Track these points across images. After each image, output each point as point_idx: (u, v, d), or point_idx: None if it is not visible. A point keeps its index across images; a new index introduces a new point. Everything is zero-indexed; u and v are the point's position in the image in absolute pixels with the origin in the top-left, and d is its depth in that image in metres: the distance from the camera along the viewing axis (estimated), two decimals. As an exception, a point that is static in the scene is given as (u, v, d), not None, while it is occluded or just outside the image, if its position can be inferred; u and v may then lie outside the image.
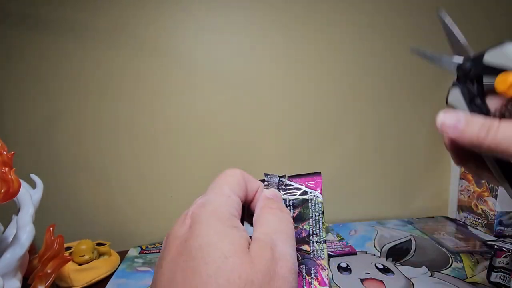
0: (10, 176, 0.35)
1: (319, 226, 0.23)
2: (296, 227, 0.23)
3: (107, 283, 0.50)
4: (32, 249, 0.44)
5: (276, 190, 0.23)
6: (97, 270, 0.51)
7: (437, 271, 0.50)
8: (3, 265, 0.35)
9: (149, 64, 0.65)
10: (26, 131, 0.63)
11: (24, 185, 0.41)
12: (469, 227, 0.69)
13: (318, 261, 0.21)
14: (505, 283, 0.45)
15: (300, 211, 0.23)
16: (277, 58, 0.69)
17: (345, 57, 0.71)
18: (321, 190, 0.24)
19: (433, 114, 0.85)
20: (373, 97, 0.73)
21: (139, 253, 0.60)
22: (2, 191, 0.34)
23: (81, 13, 0.61)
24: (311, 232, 0.23)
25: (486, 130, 0.21)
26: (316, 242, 0.22)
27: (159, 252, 0.61)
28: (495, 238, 0.61)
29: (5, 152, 0.36)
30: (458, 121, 0.23)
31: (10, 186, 0.34)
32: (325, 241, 0.22)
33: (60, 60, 0.62)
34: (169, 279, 0.16)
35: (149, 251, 0.61)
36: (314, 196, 0.24)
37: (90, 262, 0.51)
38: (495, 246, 0.54)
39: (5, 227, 0.42)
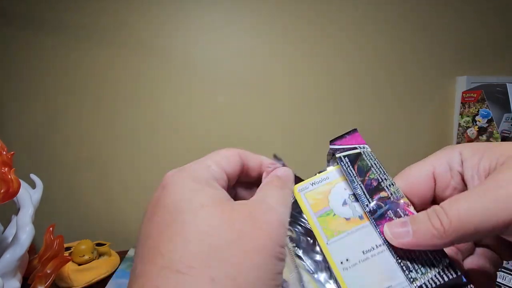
0: (10, 176, 0.35)
1: (384, 172, 0.23)
2: (363, 180, 0.23)
3: (107, 283, 0.50)
4: (32, 249, 0.44)
5: (289, 170, 0.23)
6: (97, 270, 0.51)
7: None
8: (3, 265, 0.35)
9: (150, 64, 0.65)
10: (26, 131, 0.63)
11: (24, 185, 0.41)
12: (469, 227, 0.69)
13: (400, 201, 0.21)
14: (504, 283, 0.45)
15: (359, 165, 0.24)
16: (277, 58, 0.69)
17: (345, 57, 0.71)
18: (365, 142, 0.25)
19: (433, 114, 0.85)
20: (374, 97, 0.73)
21: (139, 253, 0.60)
22: (2, 191, 0.34)
23: (81, 13, 0.61)
24: (380, 179, 0.23)
25: (437, 220, 0.17)
26: (389, 185, 0.22)
27: (159, 252, 0.61)
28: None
29: (5, 152, 0.36)
30: (404, 225, 0.19)
31: (10, 186, 0.34)
32: (395, 183, 0.22)
33: (60, 60, 0.62)
34: (145, 238, 0.17)
35: (149, 251, 0.61)
36: (364, 148, 0.24)
37: (90, 262, 0.51)
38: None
39: (5, 227, 0.42)
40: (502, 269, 0.46)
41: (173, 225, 0.16)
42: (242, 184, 0.22)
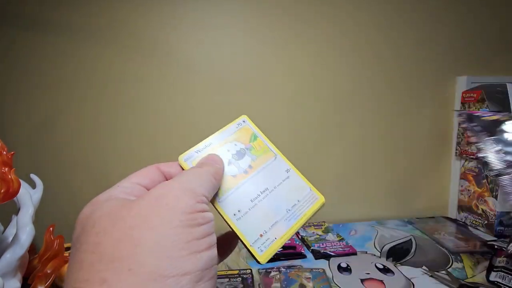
0: (10, 176, 0.35)
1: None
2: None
3: (107, 283, 0.50)
4: (32, 249, 0.44)
5: (214, 155, 0.25)
6: (97, 270, 0.51)
7: (437, 271, 0.50)
8: (3, 265, 0.35)
9: (150, 64, 0.65)
10: (26, 131, 0.63)
11: (24, 185, 0.41)
12: (469, 227, 0.69)
13: None
14: (504, 283, 0.44)
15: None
16: (278, 57, 0.69)
17: (345, 57, 0.71)
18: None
19: (434, 114, 0.85)
20: (374, 98, 0.73)
21: (139, 253, 0.60)
22: (2, 191, 0.34)
23: (81, 13, 0.61)
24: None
25: None
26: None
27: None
28: (495, 238, 0.61)
29: (5, 152, 0.36)
30: None
31: (10, 186, 0.34)
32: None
33: (59, 60, 0.62)
34: (66, 273, 0.17)
35: (149, 251, 0.61)
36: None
37: (90, 262, 0.51)
38: (496, 246, 0.54)
39: (5, 227, 0.42)
40: (502, 269, 0.46)
41: (75, 254, 0.17)
42: None
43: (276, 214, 0.24)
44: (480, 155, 0.39)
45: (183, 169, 0.24)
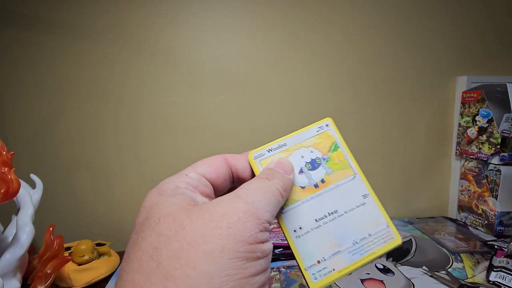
0: (10, 176, 0.35)
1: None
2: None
3: (107, 283, 0.50)
4: (32, 249, 0.44)
5: (282, 158, 0.22)
6: (97, 270, 0.51)
7: (437, 271, 0.50)
8: (3, 265, 0.35)
9: (151, 65, 0.65)
10: (26, 131, 0.63)
11: (24, 185, 0.41)
12: (469, 227, 0.69)
13: None
14: (504, 283, 0.44)
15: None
16: (277, 57, 0.69)
17: (345, 57, 0.71)
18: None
19: (434, 114, 0.85)
20: (374, 98, 0.73)
21: (139, 253, 0.60)
22: (2, 191, 0.34)
23: (81, 13, 0.61)
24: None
25: None
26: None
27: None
28: (495, 238, 0.61)
29: (5, 152, 0.36)
30: None
31: (10, 186, 0.34)
32: None
33: (59, 60, 0.62)
34: (123, 259, 0.17)
35: (149, 251, 0.61)
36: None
37: (90, 262, 0.51)
38: (496, 246, 0.54)
39: (5, 227, 0.42)
40: (502, 269, 0.46)
41: (135, 245, 0.16)
42: None
43: (341, 242, 0.21)
44: None
45: (251, 167, 0.22)
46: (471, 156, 0.69)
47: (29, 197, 0.41)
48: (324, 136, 0.25)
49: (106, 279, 0.51)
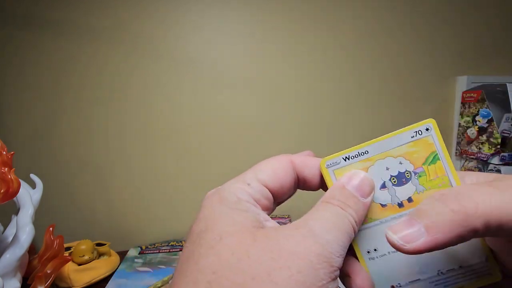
0: (9, 176, 0.35)
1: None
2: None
3: (107, 283, 0.50)
4: (32, 249, 0.44)
5: (362, 173, 0.18)
6: (97, 270, 0.51)
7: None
8: (3, 265, 0.35)
9: (151, 65, 0.65)
10: (26, 131, 0.63)
11: (24, 185, 0.41)
12: (469, 227, 0.69)
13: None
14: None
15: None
16: (278, 57, 0.69)
17: (345, 57, 0.71)
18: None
19: (434, 114, 0.84)
20: (374, 98, 0.73)
21: (139, 253, 0.60)
22: (2, 191, 0.34)
23: (81, 13, 0.61)
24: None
25: (456, 203, 0.14)
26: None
27: (159, 252, 0.61)
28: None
29: (5, 152, 0.36)
30: (410, 224, 0.15)
31: (10, 186, 0.34)
32: None
33: (59, 60, 0.62)
34: (176, 269, 0.16)
35: (149, 251, 0.61)
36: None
37: (90, 262, 0.51)
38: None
39: (5, 227, 0.42)
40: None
41: (191, 258, 0.15)
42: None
43: (423, 270, 0.18)
44: None
45: (322, 175, 0.19)
46: (471, 156, 0.69)
47: (29, 197, 0.41)
48: (421, 143, 0.19)
49: (106, 279, 0.51)
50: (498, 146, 0.62)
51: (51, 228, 0.43)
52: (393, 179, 0.19)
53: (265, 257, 0.14)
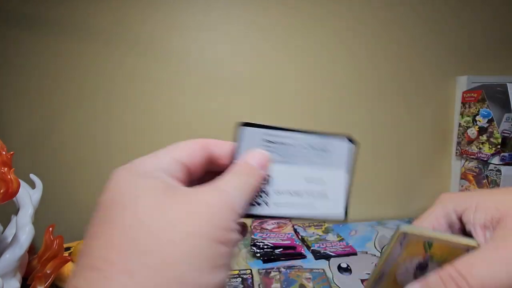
0: (9, 176, 0.34)
1: None
2: None
3: (107, 283, 0.50)
4: (32, 250, 0.44)
5: (262, 152, 0.22)
6: (97, 270, 0.51)
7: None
8: (3, 265, 0.35)
9: (151, 65, 0.65)
10: (26, 131, 0.63)
11: (24, 185, 0.41)
12: (469, 227, 0.69)
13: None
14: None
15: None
16: (278, 57, 0.69)
17: (345, 57, 0.71)
18: None
19: (434, 114, 0.84)
20: (374, 98, 0.73)
21: (139, 253, 0.60)
22: (2, 191, 0.34)
23: (80, 14, 0.61)
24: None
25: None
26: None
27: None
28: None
29: (4, 152, 0.36)
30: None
31: (10, 186, 0.34)
32: None
33: (59, 60, 0.62)
34: (87, 235, 0.17)
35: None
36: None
37: (90, 262, 0.51)
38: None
39: (5, 227, 0.42)
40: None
41: (104, 222, 0.16)
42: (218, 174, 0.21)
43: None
44: None
45: (231, 154, 0.22)
46: (472, 156, 0.69)
47: (29, 197, 0.41)
48: (410, 245, 0.21)
49: (106, 279, 0.51)
50: (499, 146, 0.62)
51: (51, 228, 0.43)
52: (417, 271, 0.21)
53: (179, 206, 0.16)
